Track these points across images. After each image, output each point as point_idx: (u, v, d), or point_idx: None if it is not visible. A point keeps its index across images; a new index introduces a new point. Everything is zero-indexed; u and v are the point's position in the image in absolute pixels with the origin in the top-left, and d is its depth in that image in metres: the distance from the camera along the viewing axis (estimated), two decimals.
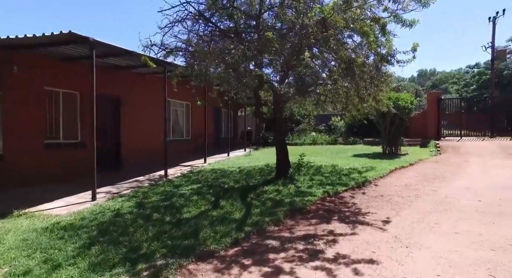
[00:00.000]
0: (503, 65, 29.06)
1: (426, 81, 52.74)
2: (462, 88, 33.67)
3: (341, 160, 11.02)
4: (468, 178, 7.96)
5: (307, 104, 9.96)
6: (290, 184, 6.84)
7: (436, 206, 5.40)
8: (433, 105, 16.80)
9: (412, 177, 8.20)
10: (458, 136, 16.50)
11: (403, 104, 12.05)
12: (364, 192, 6.59)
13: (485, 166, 9.75)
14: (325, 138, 18.78)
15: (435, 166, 9.94)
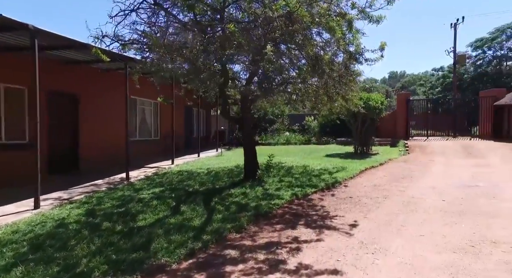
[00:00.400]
0: (464, 69, 30.69)
1: (396, 83, 54.77)
2: (429, 90, 35.22)
3: (313, 160, 10.92)
4: (433, 177, 8.08)
5: (279, 103, 9.76)
6: (258, 186, 6.56)
7: (404, 207, 5.34)
8: (402, 106, 17.26)
9: (382, 176, 8.21)
10: (424, 136, 17.08)
11: (373, 104, 12.18)
12: (334, 193, 6.44)
13: (449, 165, 10.02)
14: (299, 138, 18.76)
15: (403, 165, 10.08)
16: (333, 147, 16.42)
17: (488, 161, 10.54)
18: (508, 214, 4.86)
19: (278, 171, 8.63)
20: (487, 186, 6.86)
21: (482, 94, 17.37)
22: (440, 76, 34.47)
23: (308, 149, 15.41)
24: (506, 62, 29.81)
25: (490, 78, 27.88)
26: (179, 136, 15.41)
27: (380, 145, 16.72)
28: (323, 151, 14.38)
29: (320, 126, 19.40)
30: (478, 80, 28.85)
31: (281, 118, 20.67)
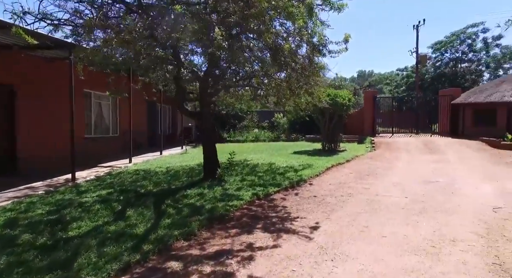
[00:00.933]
0: (425, 69, 32.16)
1: (364, 81, 56.50)
2: (394, 89, 36.55)
3: (280, 157, 10.64)
4: (397, 174, 8.09)
5: (244, 98, 9.32)
6: (217, 186, 6.09)
7: (367, 206, 5.14)
8: (369, 104, 17.55)
9: (347, 174, 8.08)
10: (390, 133, 17.51)
11: (341, 101, 12.13)
12: (298, 192, 6.14)
13: (412, 161, 10.18)
14: (268, 135, 18.50)
15: (369, 162, 10.08)
16: (302, 143, 16.31)
17: (447, 156, 10.86)
18: (464, 210, 4.81)
19: (242, 169, 8.22)
20: (446, 181, 6.92)
21: (441, 93, 18.13)
22: (404, 76, 35.86)
23: (276, 146, 15.16)
24: (461, 64, 31.60)
25: (447, 79, 29.40)
26: (141, 133, 14.50)
27: (348, 141, 16.89)
28: (292, 148, 14.19)
29: (289, 123, 19.26)
30: (437, 80, 30.33)
31: (250, 115, 20.28)
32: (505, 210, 4.79)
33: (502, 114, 14.44)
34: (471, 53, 31.08)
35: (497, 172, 7.99)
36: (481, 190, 6.15)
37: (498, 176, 7.45)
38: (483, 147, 12.64)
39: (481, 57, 30.91)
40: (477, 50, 30.73)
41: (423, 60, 24.89)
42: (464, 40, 30.78)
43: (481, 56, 30.99)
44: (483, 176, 7.54)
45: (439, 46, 31.63)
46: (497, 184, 6.56)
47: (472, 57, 31.00)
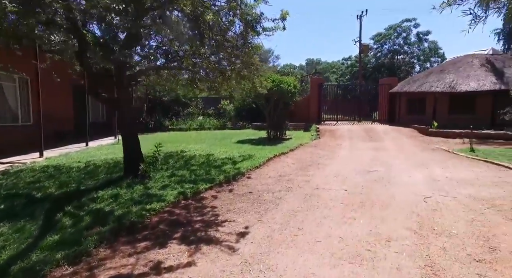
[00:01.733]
0: (367, 59, 33.81)
1: (312, 69, 57.88)
2: (339, 78, 37.95)
3: (222, 147, 9.94)
4: (339, 163, 7.97)
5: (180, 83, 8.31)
6: (139, 184, 5.20)
7: (305, 202, 4.74)
8: (315, 91, 17.63)
9: (290, 164, 7.72)
10: (335, 120, 17.88)
11: (286, 87, 11.75)
12: (233, 188, 5.53)
13: (353, 149, 10.29)
14: (214, 123, 17.63)
15: (313, 151, 9.92)
16: (248, 131, 15.80)
17: (385, 144, 11.24)
18: (399, 202, 4.67)
19: (175, 162, 7.36)
20: (383, 170, 6.92)
21: (380, 82, 18.99)
22: (349, 65, 37.36)
23: (221, 135, 14.42)
24: (398, 56, 33.85)
25: (386, 69, 31.28)
26: (66, 121, 12.60)
27: (294, 129, 16.83)
28: (237, 136, 13.59)
29: (235, 110, 18.59)
30: (377, 70, 32.12)
31: (195, 102, 19.11)
32: (433, 199, 4.76)
33: (430, 103, 15.54)
34: (406, 46, 33.36)
35: (425, 158, 8.32)
36: (413, 177, 6.20)
37: (426, 162, 7.72)
38: (414, 134, 13.43)
39: (414, 50, 33.37)
40: (411, 43, 33.06)
41: (365, 50, 25.92)
42: (400, 34, 32.85)
43: (413, 50, 33.46)
44: (415, 162, 7.75)
45: (379, 38, 33.32)
46: (426, 171, 6.72)
47: (407, 50, 33.31)
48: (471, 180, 5.90)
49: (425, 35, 32.64)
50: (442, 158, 8.35)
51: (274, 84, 11.55)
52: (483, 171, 6.66)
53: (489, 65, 14.86)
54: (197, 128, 16.90)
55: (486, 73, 14.33)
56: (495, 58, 15.24)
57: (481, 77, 14.14)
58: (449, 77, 14.86)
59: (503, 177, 6.10)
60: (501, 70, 14.36)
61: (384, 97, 17.86)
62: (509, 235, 3.50)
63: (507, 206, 4.46)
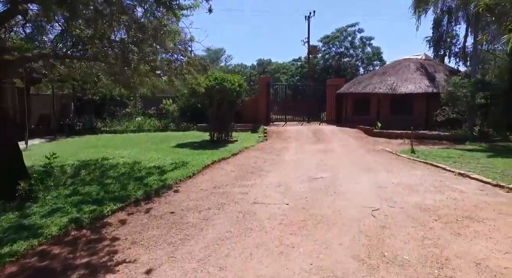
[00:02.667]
0: (316, 61, 34.62)
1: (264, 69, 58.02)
2: (290, 78, 38.35)
3: (155, 153, 8.70)
4: (284, 169, 7.31)
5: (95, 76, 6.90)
6: (13, 210, 3.87)
7: (237, 224, 3.88)
8: (263, 90, 17.04)
9: (229, 172, 6.84)
10: (284, 121, 17.48)
11: (229, 86, 10.85)
12: (151, 207, 4.46)
13: (300, 152, 9.79)
14: (154, 124, 16.04)
15: (257, 155, 9.18)
16: (192, 133, 14.60)
17: (332, 145, 10.98)
18: (345, 218, 4.07)
19: (89, 173, 6.01)
20: (329, 177, 6.40)
21: (328, 82, 19.13)
22: (299, 66, 37.94)
23: (160, 137, 13.02)
24: (344, 58, 35.23)
25: (334, 71, 32.27)
26: None
27: (242, 130, 16.04)
28: (177, 139, 12.35)
29: (179, 110, 17.21)
30: (326, 71, 33.00)
31: (133, 101, 17.25)
32: (382, 212, 4.26)
33: (374, 104, 15.95)
34: (352, 50, 34.82)
35: (371, 161, 8.08)
36: (360, 184, 5.74)
37: (372, 166, 7.44)
38: (360, 135, 13.52)
39: (358, 54, 34.99)
40: (356, 47, 34.59)
41: (314, 50, 26.25)
42: (346, 37, 34.20)
43: (358, 53, 35.08)
44: (361, 166, 7.42)
45: (327, 40, 34.29)
46: (373, 177, 6.36)
47: (353, 53, 34.78)
48: (415, 185, 5.60)
49: (368, 40, 34.42)
50: (387, 161, 8.17)
51: (216, 82, 10.60)
52: (425, 174, 6.49)
53: (423, 69, 15.68)
54: (135, 130, 15.17)
55: (421, 76, 15.07)
56: (428, 63, 16.16)
57: (417, 80, 14.82)
58: (390, 80, 15.35)
59: (443, 181, 5.94)
60: (433, 74, 15.22)
61: (332, 98, 17.98)
62: (460, 256, 3.03)
63: (452, 216, 4.11)
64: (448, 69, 16.10)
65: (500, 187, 5.42)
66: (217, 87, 10.54)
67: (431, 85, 14.38)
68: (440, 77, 14.88)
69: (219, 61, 61.09)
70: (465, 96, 12.04)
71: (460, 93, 12.08)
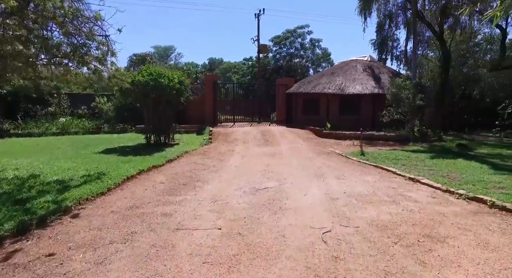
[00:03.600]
0: (267, 61, 34.39)
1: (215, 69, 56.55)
2: (241, 78, 37.52)
3: (69, 161, 7.09)
4: (224, 177, 6.32)
5: None
6: None
7: (144, 268, 2.77)
8: (210, 89, 15.87)
9: (157, 184, 5.63)
10: (232, 122, 16.50)
11: (166, 82, 9.53)
12: (19, 248, 3.13)
13: (246, 156, 8.90)
14: (84, 125, 13.91)
15: (198, 160, 8.05)
16: (128, 136, 12.88)
17: (281, 148, 10.29)
18: (290, 247, 3.23)
19: None
20: (276, 186, 5.57)
21: (278, 82, 18.63)
22: (250, 65, 37.28)
23: (87, 141, 11.15)
24: (295, 59, 35.54)
25: (284, 71, 32.27)
26: None
27: (186, 132, 14.70)
28: (108, 142, 10.65)
29: (115, 110, 15.24)
30: (277, 72, 32.86)
31: (57, 98, 14.81)
32: (334, 235, 3.50)
33: (324, 105, 15.79)
34: (302, 51, 35.22)
35: (321, 166, 7.50)
36: (310, 196, 4.99)
37: (323, 172, 6.82)
38: (310, 136, 13.12)
39: (308, 55, 35.55)
40: (306, 48, 35.07)
41: (264, 49, 25.75)
42: (296, 38, 34.49)
43: (308, 54, 35.63)
44: (311, 172, 6.75)
45: (278, 40, 34.21)
46: (323, 185, 5.68)
47: (303, 54, 35.21)
48: (369, 195, 5.02)
49: (317, 42, 35.13)
50: (337, 164, 7.65)
51: (151, 77, 9.22)
52: (377, 180, 6.01)
53: (370, 70, 15.96)
54: (58, 133, 12.92)
55: (367, 77, 15.27)
56: (373, 65, 16.53)
57: (364, 81, 14.97)
58: (338, 80, 15.30)
59: (396, 187, 5.48)
60: (378, 76, 15.55)
61: (282, 98, 17.49)
62: None
63: (411, 235, 3.51)
64: (391, 71, 16.61)
65: (450, 192, 5.09)
66: (152, 84, 9.17)
67: (377, 86, 14.60)
68: (385, 79, 15.22)
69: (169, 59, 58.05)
70: (407, 98, 12.29)
71: (403, 94, 12.29)
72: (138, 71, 9.37)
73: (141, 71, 9.32)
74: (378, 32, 17.65)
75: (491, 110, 16.50)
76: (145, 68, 9.44)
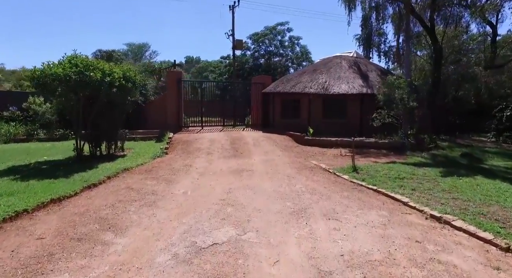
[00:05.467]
0: (245, 59, 32.30)
1: (192, 68, 53.78)
2: (218, 77, 35.18)
3: None
4: (158, 218, 4.12)
5: None
6: None
7: None
8: (173, 88, 13.50)
9: (27, 244, 3.36)
10: (200, 125, 14.19)
11: (98, 77, 7.13)
12: None
13: (206, 175, 6.72)
14: (9, 131, 11.17)
15: (135, 185, 5.79)
16: (66, 145, 10.30)
17: (252, 161, 8.17)
18: None
19: None
20: (230, 242, 3.44)
21: (253, 80, 16.52)
22: (227, 64, 34.99)
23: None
24: (274, 57, 33.65)
25: (263, 70, 30.25)
26: None
27: (144, 139, 12.32)
28: (29, 155, 8.17)
29: (57, 112, 12.56)
30: (255, 70, 30.79)
31: None
32: None
33: (305, 106, 13.84)
34: (281, 49, 33.37)
35: (303, 190, 5.46)
36: (283, 266, 2.92)
37: (304, 201, 4.79)
38: (289, 143, 11.10)
39: (288, 53, 33.74)
40: (285, 46, 33.24)
41: (239, 45, 23.61)
42: (275, 36, 32.59)
43: (288, 52, 33.82)
44: (288, 204, 4.68)
45: (256, 37, 32.20)
46: (306, 233, 3.63)
47: (282, 52, 33.36)
48: (383, 262, 2.98)
49: (297, 40, 33.40)
50: (324, 189, 5.61)
51: (74, 70, 6.84)
52: (387, 223, 4.01)
53: (356, 67, 14.20)
54: None
55: (354, 75, 13.48)
56: (360, 62, 14.79)
57: (350, 79, 13.16)
58: (321, 78, 13.41)
59: (422, 241, 3.50)
60: (366, 73, 13.81)
61: (258, 98, 15.38)
62: None
63: None
64: (379, 68, 14.94)
65: None
66: (75, 78, 6.77)
67: (365, 85, 12.81)
68: (373, 77, 13.49)
69: (143, 58, 54.55)
70: (401, 99, 10.54)
71: (397, 95, 10.52)
72: (59, 62, 6.96)
73: (62, 62, 6.92)
74: (364, 27, 15.92)
75: (479, 112, 15.25)
76: (70, 58, 7.03)
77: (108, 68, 7.55)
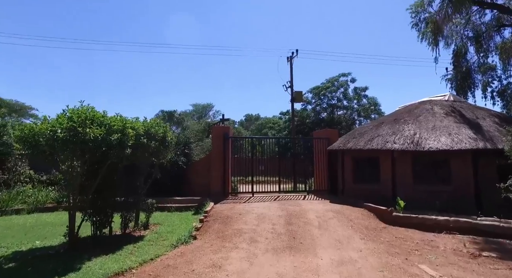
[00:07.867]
0: (306, 114, 30.29)
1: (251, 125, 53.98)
2: (278, 133, 33.54)
3: None
4: None
5: None
6: None
7: None
8: (219, 146, 11.49)
9: None
10: (251, 192, 11.51)
11: (95, 133, 5.23)
12: None
13: None
14: (36, 198, 10.05)
15: None
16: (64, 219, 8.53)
17: (316, 263, 4.98)
18: None
19: None
20: None
21: (315, 134, 13.68)
22: (287, 120, 33.40)
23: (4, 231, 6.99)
24: (337, 111, 30.99)
25: (326, 124, 27.57)
26: None
27: (181, 209, 10.15)
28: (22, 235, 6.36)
29: None
30: (317, 125, 28.31)
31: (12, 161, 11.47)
32: None
33: (387, 167, 10.31)
34: (345, 101, 30.76)
35: None
36: None
37: None
38: (370, 224, 7.58)
39: (353, 105, 30.82)
40: (350, 98, 30.57)
41: (298, 97, 21.70)
42: (338, 88, 30.42)
43: (353, 105, 30.93)
44: None
45: (317, 90, 30.44)
46: None
47: (347, 105, 30.64)
48: None
49: (363, 91, 30.56)
50: None
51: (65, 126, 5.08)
52: None
53: (457, 114, 10.52)
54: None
55: (457, 124, 9.78)
56: (461, 106, 11.09)
57: (452, 130, 9.49)
58: (408, 129, 10.03)
59: None
60: (475, 121, 9.99)
61: (321, 156, 12.39)
62: None
63: None
64: (493, 113, 10.94)
65: None
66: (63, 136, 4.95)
67: (479, 137, 8.97)
68: (488, 126, 9.61)
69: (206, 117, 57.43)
70: None
71: None
72: (58, 116, 5.36)
73: (60, 117, 5.28)
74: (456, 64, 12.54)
75: None
76: (70, 111, 5.39)
77: (119, 123, 5.72)
